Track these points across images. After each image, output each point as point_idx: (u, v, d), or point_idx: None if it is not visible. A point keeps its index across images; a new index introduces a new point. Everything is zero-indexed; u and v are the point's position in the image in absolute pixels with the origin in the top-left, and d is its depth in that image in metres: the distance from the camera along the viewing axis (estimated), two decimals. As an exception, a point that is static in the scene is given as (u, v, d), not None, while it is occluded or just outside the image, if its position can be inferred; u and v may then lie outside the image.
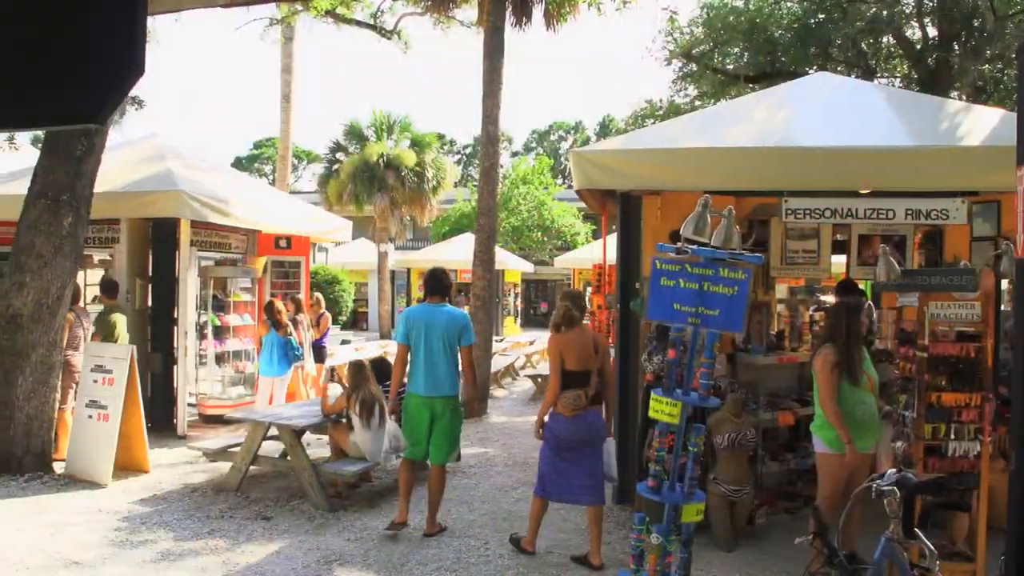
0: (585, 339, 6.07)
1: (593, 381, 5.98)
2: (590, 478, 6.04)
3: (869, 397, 5.39)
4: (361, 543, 6.44)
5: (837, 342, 5.39)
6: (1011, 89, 18.24)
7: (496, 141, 12.80)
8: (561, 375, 5.94)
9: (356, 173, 25.46)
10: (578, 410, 5.89)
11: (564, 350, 5.96)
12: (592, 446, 6.04)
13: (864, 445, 5.34)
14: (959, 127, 7.03)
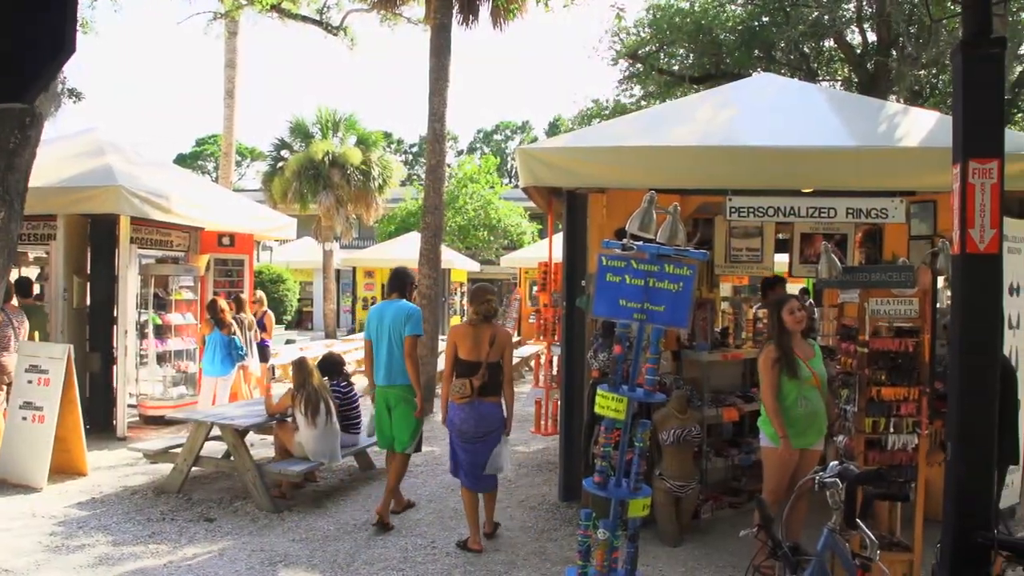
0: (480, 332, 6.21)
1: (482, 372, 6.12)
2: (485, 469, 6.30)
3: (813, 393, 5.44)
4: (306, 543, 6.36)
5: (775, 339, 5.48)
6: (946, 94, 18.71)
7: (442, 139, 12.75)
8: (454, 364, 6.19)
9: (301, 171, 25.16)
10: (464, 398, 6.10)
11: (458, 340, 6.20)
12: (487, 440, 6.23)
13: (805, 441, 5.40)
14: (897, 129, 7.18)
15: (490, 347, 6.19)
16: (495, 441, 6.28)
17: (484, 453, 6.26)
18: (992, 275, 3.87)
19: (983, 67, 3.95)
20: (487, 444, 6.25)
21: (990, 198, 3.78)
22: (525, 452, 9.70)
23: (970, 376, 3.89)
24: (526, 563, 6.00)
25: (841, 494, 3.57)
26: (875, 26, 18.72)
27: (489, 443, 6.25)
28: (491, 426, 6.23)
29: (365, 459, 8.62)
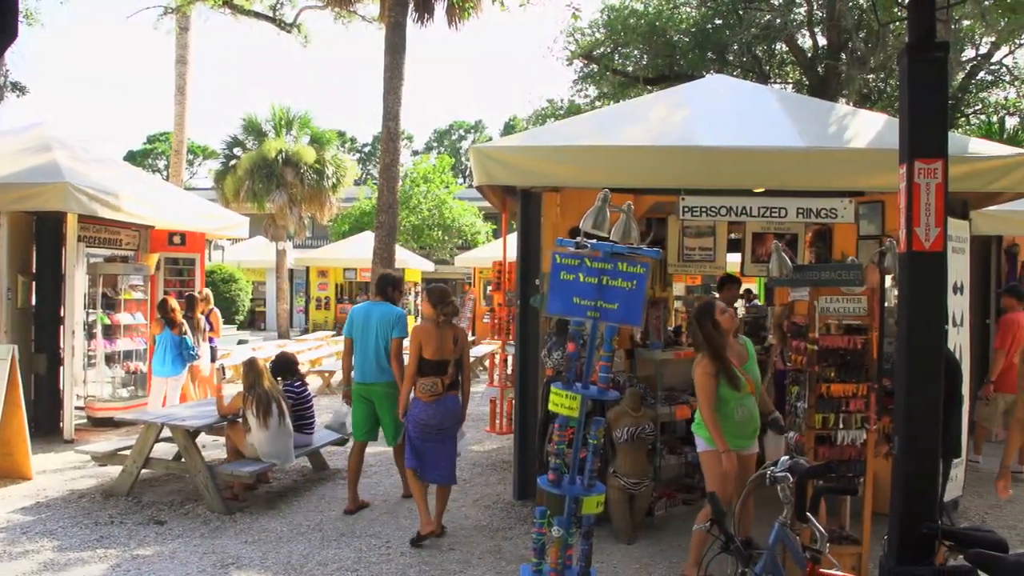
0: (444, 332, 6.43)
1: (450, 371, 6.41)
2: (447, 461, 6.53)
3: (750, 399, 5.45)
4: (259, 545, 6.29)
5: (710, 350, 5.41)
6: (893, 98, 19.09)
7: (396, 138, 12.71)
8: (418, 363, 6.33)
9: (254, 169, 24.92)
10: (435, 396, 6.34)
11: (423, 340, 6.36)
12: (451, 432, 6.54)
13: (743, 444, 5.45)
14: (847, 130, 7.29)
15: (453, 346, 6.45)
16: (455, 432, 6.61)
17: (443, 445, 6.49)
18: (937, 273, 3.95)
19: (928, 70, 4.03)
20: (448, 436, 6.52)
21: (935, 197, 3.86)
22: (480, 451, 9.69)
23: (916, 372, 3.97)
24: (481, 562, 5.99)
25: (792, 488, 3.62)
26: (825, 30, 19.04)
27: (451, 435, 6.55)
28: (454, 419, 6.54)
29: (319, 459, 8.55)
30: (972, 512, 7.28)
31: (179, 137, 21.99)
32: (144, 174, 17.11)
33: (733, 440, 5.30)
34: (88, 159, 10.95)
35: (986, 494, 7.88)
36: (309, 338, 22.06)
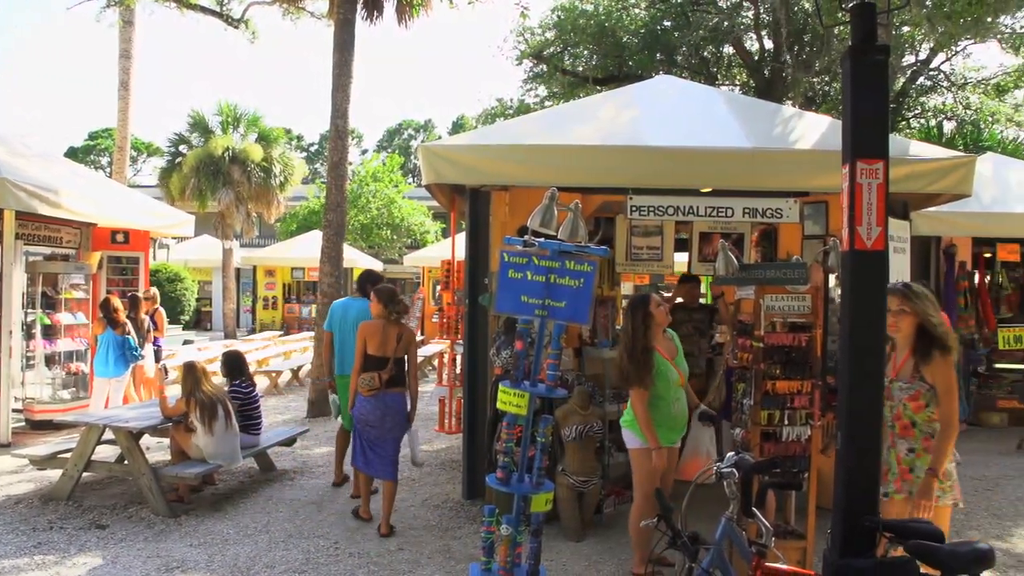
0: (389, 329, 6.58)
1: (390, 367, 6.51)
2: (390, 458, 6.61)
3: (681, 392, 5.53)
4: (205, 548, 6.18)
5: (642, 347, 5.43)
6: (837, 100, 19.44)
7: (345, 135, 12.59)
8: (363, 359, 6.50)
9: (200, 167, 24.52)
10: (373, 390, 6.46)
11: (368, 337, 6.52)
12: (393, 430, 6.61)
13: (673, 438, 5.51)
14: (792, 132, 7.39)
15: (397, 343, 6.57)
16: (400, 432, 6.67)
17: (388, 443, 6.59)
18: (879, 271, 4.02)
19: (870, 71, 4.10)
20: (392, 434, 6.61)
21: (876, 197, 3.92)
22: (429, 451, 9.66)
23: (858, 369, 4.03)
24: (430, 561, 5.97)
25: (738, 484, 3.66)
26: (771, 33, 19.31)
27: (394, 434, 6.62)
28: (396, 416, 6.60)
29: (266, 460, 8.44)
30: (912, 506, 7.41)
31: (123, 133, 21.52)
32: (86, 171, 16.77)
33: (667, 435, 5.36)
34: (27, 155, 10.67)
35: (926, 488, 8.04)
36: (256, 338, 21.81)
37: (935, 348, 4.30)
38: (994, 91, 22.99)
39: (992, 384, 11.52)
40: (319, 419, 11.60)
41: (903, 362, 4.45)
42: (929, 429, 4.37)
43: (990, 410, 11.53)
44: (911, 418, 4.39)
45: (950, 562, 3.47)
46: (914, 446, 4.39)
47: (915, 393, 4.36)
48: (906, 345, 4.44)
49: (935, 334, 4.31)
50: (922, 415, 4.38)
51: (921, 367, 4.34)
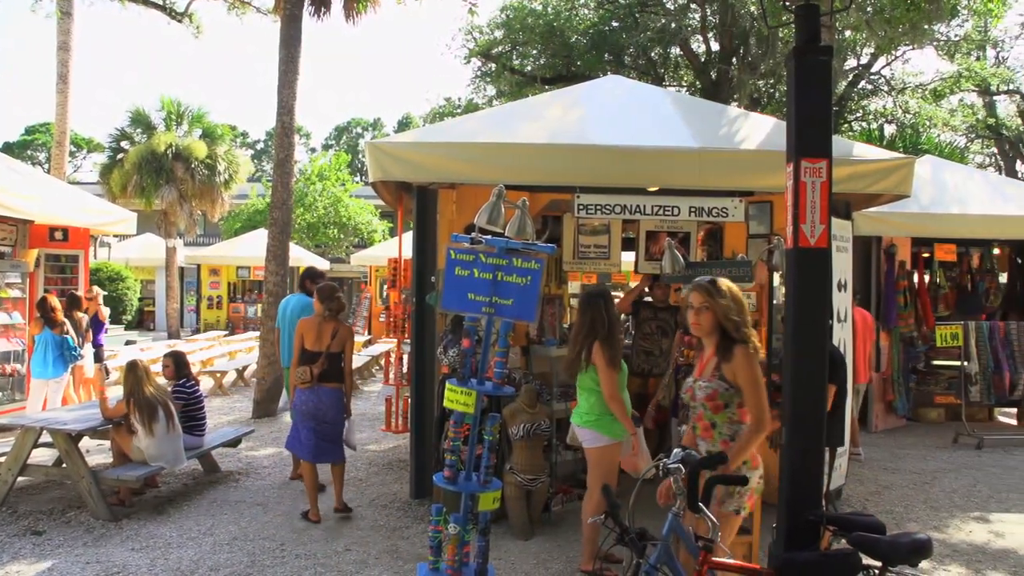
0: (325, 325, 6.86)
1: (322, 361, 6.76)
2: (331, 443, 6.91)
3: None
4: (146, 552, 6.05)
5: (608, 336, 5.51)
6: (782, 103, 19.75)
7: (291, 132, 12.44)
8: (300, 353, 6.80)
9: (142, 164, 24.04)
10: (306, 383, 6.75)
11: (305, 333, 6.83)
12: (330, 421, 6.87)
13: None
14: (738, 132, 7.47)
15: (332, 340, 6.83)
16: (338, 424, 6.95)
17: (327, 433, 6.86)
18: (822, 267, 4.08)
19: (814, 71, 4.16)
20: (331, 426, 6.88)
21: (820, 195, 3.99)
22: (376, 450, 9.58)
23: (802, 364, 4.09)
24: (378, 562, 5.91)
25: (684, 480, 3.68)
26: (718, 35, 19.55)
27: (333, 425, 6.90)
28: (331, 409, 6.86)
29: (210, 461, 8.30)
30: (854, 499, 7.57)
31: (61, 128, 20.97)
32: (22, 166, 16.27)
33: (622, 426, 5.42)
34: (-40, 150, 10.36)
35: (866, 481, 8.23)
36: (200, 338, 21.48)
37: (736, 346, 4.07)
38: (931, 96, 23.55)
39: (930, 381, 11.79)
40: (265, 419, 11.45)
41: (707, 361, 4.25)
42: (729, 432, 4.11)
43: (928, 406, 11.80)
44: (711, 419, 4.15)
45: (890, 553, 3.55)
46: (712, 448, 4.12)
47: (712, 393, 4.12)
48: (711, 343, 4.23)
49: (733, 334, 4.08)
50: (721, 416, 4.13)
51: (722, 366, 4.11)
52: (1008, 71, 27.00)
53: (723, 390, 4.09)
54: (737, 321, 4.08)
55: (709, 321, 4.13)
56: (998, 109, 29.34)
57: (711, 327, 4.15)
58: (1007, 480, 8.55)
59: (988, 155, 33.05)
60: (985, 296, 12.36)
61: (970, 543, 6.54)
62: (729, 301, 4.09)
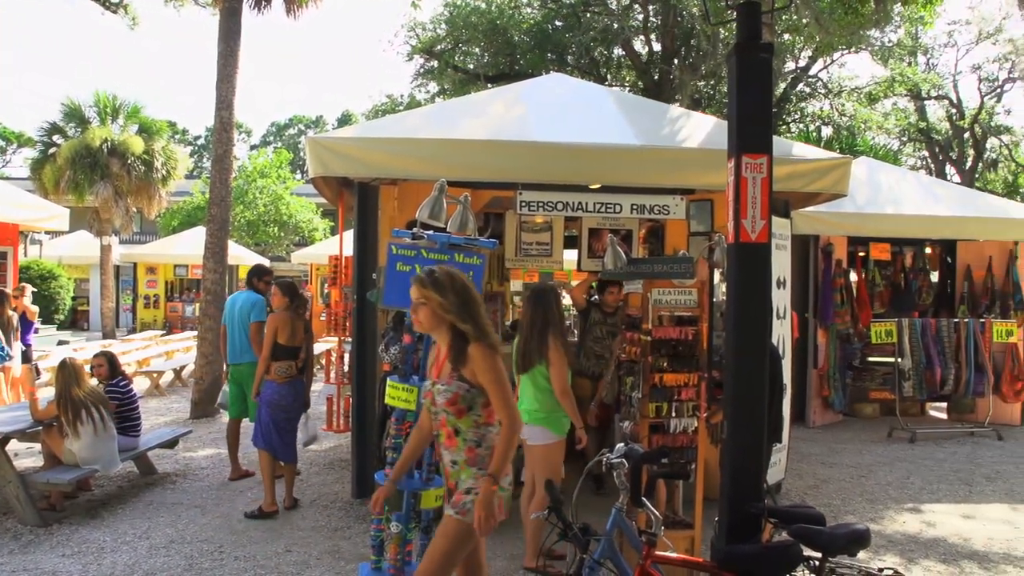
0: (296, 321, 7.09)
1: (301, 356, 7.09)
2: (292, 443, 7.12)
3: None
4: (79, 558, 5.88)
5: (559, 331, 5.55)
6: (722, 104, 20.01)
7: (230, 127, 12.24)
8: (273, 348, 6.90)
9: (76, 159, 23.40)
10: (289, 378, 6.95)
11: (280, 327, 6.95)
12: (298, 414, 7.19)
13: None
14: (680, 131, 7.53)
15: (304, 334, 7.15)
16: (299, 414, 7.25)
17: (291, 426, 7.08)
18: (763, 262, 4.12)
19: (755, 68, 4.20)
20: (295, 418, 7.14)
21: (761, 191, 4.02)
22: (317, 450, 9.46)
23: (743, 358, 4.12)
24: (319, 563, 5.83)
25: (627, 475, 3.69)
26: (660, 36, 19.74)
27: (296, 417, 7.16)
28: (302, 400, 7.24)
29: (146, 463, 8.11)
30: (793, 493, 7.69)
31: (-11, 123, 20.43)
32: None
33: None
34: None
35: (805, 476, 8.36)
36: (136, 338, 21.03)
37: (471, 344, 3.69)
38: (866, 99, 24.11)
39: (865, 377, 12.03)
40: (203, 420, 11.25)
41: (443, 361, 3.84)
42: (476, 437, 3.76)
43: (863, 401, 12.05)
44: (455, 425, 3.76)
45: (830, 544, 3.60)
46: (456, 457, 3.78)
47: (453, 396, 3.72)
48: (444, 342, 3.83)
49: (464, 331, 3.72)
50: (466, 421, 3.74)
51: (459, 366, 3.73)
52: (938, 77, 27.79)
53: (464, 392, 3.72)
54: (463, 316, 3.72)
55: (428, 317, 3.77)
56: (928, 114, 30.18)
57: (432, 323, 3.79)
58: (938, 472, 8.78)
59: (919, 158, 33.97)
60: (918, 294, 12.67)
61: (904, 533, 6.69)
62: (450, 294, 3.72)
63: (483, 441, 3.75)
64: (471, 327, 3.71)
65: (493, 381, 3.66)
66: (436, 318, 3.75)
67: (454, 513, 3.69)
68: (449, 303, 3.70)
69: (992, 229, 11.52)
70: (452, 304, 3.70)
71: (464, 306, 3.72)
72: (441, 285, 3.73)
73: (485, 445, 3.75)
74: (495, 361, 3.68)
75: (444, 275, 3.78)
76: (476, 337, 3.69)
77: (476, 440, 3.75)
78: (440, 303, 3.71)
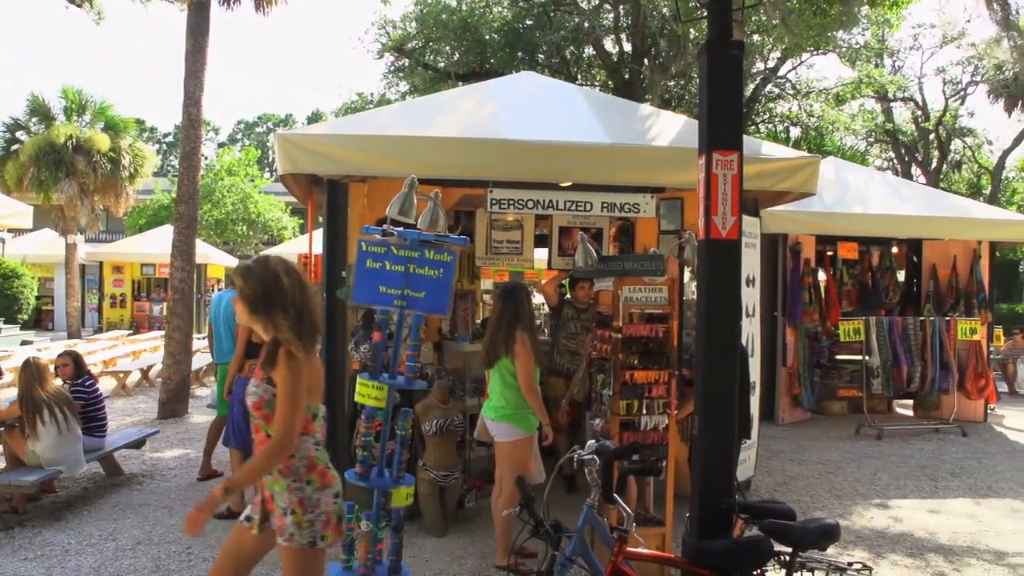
0: None
1: None
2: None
3: None
4: (42, 561, 5.78)
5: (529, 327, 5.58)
6: (692, 104, 20.12)
7: (198, 124, 12.12)
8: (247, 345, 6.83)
9: (40, 156, 23.01)
10: None
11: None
12: None
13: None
14: (650, 129, 7.55)
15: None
16: None
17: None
18: (733, 259, 4.13)
19: (726, 66, 4.22)
20: None
21: (731, 187, 4.04)
22: (287, 450, 9.38)
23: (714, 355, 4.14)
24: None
25: (599, 471, 3.69)
26: (630, 36, 19.79)
27: None
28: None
29: (112, 464, 8.00)
30: (762, 490, 7.75)
31: (-50, 118, 20.06)
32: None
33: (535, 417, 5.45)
34: None
35: (774, 473, 8.42)
36: (102, 338, 20.78)
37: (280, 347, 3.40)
38: (834, 101, 24.34)
39: (834, 375, 12.15)
40: (170, 420, 11.12)
41: (261, 360, 3.54)
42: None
43: (831, 399, 12.16)
44: (266, 431, 3.47)
45: (801, 538, 3.63)
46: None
47: (258, 400, 3.45)
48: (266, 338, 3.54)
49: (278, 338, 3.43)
50: (274, 427, 3.41)
51: (268, 368, 3.44)
52: (903, 79, 28.13)
53: (270, 397, 3.43)
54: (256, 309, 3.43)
55: (240, 308, 3.51)
56: (894, 115, 30.56)
57: (244, 315, 3.51)
58: (904, 468, 8.88)
59: (886, 159, 34.38)
60: (885, 293, 12.82)
61: (872, 528, 6.76)
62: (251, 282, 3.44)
63: (298, 451, 3.45)
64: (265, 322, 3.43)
65: (283, 392, 3.35)
66: (250, 306, 3.45)
67: (283, 541, 3.48)
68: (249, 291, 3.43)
69: (957, 229, 11.70)
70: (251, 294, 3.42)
71: (263, 298, 3.42)
72: (246, 274, 3.45)
73: (300, 456, 3.46)
74: (292, 369, 3.36)
75: (257, 264, 3.51)
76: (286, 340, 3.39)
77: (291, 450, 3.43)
78: (241, 291, 3.45)
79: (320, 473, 3.51)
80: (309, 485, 3.47)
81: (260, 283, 3.42)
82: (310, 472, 3.49)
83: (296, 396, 3.35)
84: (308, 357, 3.45)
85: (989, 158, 32.63)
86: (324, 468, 3.54)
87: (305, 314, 3.47)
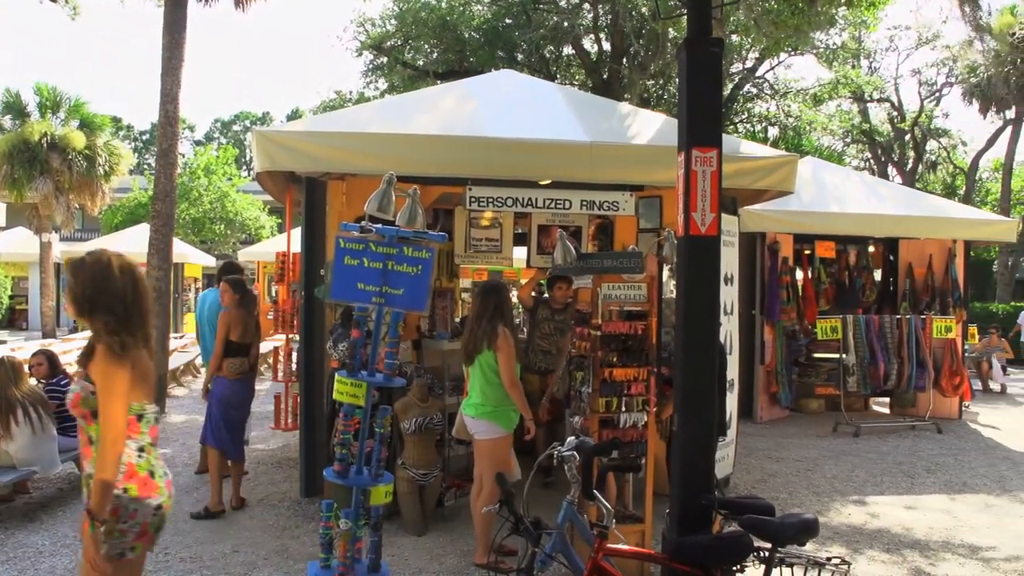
0: (248, 318, 7.09)
1: (253, 352, 7.10)
2: (240, 440, 7.15)
3: None
4: (15, 563, 5.70)
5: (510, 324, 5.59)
6: (671, 103, 20.19)
7: (175, 121, 12.03)
8: (225, 345, 6.85)
9: (14, 153, 22.75)
10: (241, 374, 6.94)
11: (232, 324, 6.90)
12: (246, 410, 7.19)
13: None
14: (629, 128, 7.56)
15: (256, 331, 7.20)
16: (247, 410, 7.22)
17: (242, 421, 7.10)
18: (712, 255, 4.15)
19: (705, 62, 4.23)
20: (246, 414, 7.19)
21: (711, 184, 4.05)
22: (264, 449, 9.33)
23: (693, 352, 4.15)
24: (267, 562, 5.74)
25: (579, 467, 3.68)
26: (609, 35, 19.84)
27: (244, 413, 7.15)
28: (252, 396, 7.25)
29: (86, 464, 7.90)
30: (741, 487, 7.78)
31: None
32: None
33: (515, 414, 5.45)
34: None
35: (752, 470, 8.46)
36: (77, 337, 20.51)
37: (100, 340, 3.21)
38: (812, 101, 24.51)
39: (811, 373, 12.22)
40: (147, 420, 10.99)
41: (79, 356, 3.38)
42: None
43: (809, 397, 12.25)
44: (88, 432, 3.26)
45: (780, 534, 3.64)
46: (92, 471, 3.17)
47: (74, 397, 3.25)
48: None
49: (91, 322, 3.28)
50: (95, 428, 3.19)
51: (85, 363, 3.26)
52: (880, 80, 28.38)
53: (87, 394, 3.21)
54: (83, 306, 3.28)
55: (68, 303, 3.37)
56: (871, 116, 30.83)
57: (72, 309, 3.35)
58: (881, 465, 8.95)
59: (863, 159, 34.67)
60: (862, 291, 12.91)
61: (849, 525, 6.80)
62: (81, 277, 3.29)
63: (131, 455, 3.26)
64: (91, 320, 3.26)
65: (101, 389, 3.15)
66: (76, 305, 3.30)
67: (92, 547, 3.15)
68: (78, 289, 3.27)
69: (932, 228, 11.80)
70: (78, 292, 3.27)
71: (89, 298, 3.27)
72: (76, 270, 3.29)
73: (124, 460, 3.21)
74: (111, 366, 3.16)
75: (90, 258, 3.33)
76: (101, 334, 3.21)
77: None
78: (71, 286, 3.29)
79: (141, 482, 3.25)
80: (125, 493, 3.19)
81: (90, 279, 3.28)
82: (128, 479, 3.22)
83: (115, 392, 3.14)
84: (135, 352, 3.26)
85: (964, 159, 32.99)
86: (147, 477, 3.29)
87: (135, 314, 3.30)
